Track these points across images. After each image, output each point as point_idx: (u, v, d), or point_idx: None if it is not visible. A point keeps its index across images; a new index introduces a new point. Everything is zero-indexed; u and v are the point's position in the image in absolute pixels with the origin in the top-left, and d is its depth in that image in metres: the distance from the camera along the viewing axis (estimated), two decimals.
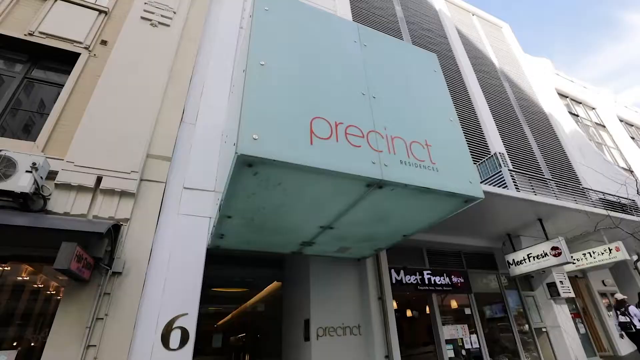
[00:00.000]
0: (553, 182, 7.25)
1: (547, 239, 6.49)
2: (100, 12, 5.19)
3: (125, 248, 3.68)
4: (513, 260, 7.02)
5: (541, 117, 10.56)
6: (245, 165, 2.28)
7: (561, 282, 7.14)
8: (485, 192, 4.85)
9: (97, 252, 3.44)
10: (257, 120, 2.32)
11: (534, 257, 6.63)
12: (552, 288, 7.10)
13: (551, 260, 6.31)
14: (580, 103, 13.88)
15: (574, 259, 8.05)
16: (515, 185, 6.06)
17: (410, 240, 4.53)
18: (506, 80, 10.75)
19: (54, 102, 4.49)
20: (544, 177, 7.07)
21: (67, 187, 3.73)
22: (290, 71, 2.72)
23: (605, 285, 9.32)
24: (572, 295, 7.18)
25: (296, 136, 2.41)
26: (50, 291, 3.90)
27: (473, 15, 12.57)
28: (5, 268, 3.70)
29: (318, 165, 2.37)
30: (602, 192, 8.18)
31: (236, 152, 2.17)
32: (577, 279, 9.18)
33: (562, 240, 6.23)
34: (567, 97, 13.42)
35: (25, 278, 3.84)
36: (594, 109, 14.17)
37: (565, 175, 8.98)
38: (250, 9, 3.18)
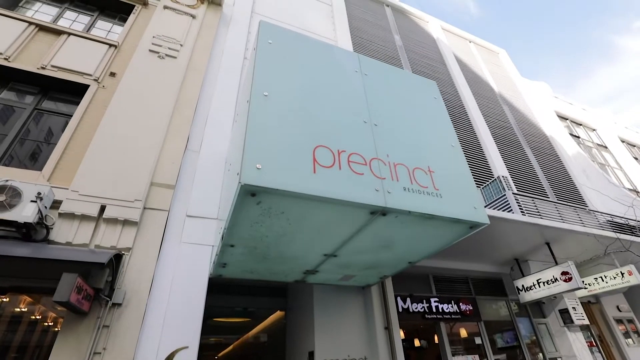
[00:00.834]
0: (559, 205, 7.17)
1: (557, 264, 6.33)
2: (111, 45, 5.41)
3: (126, 278, 3.63)
4: (522, 286, 6.82)
5: (543, 139, 10.62)
6: (249, 194, 2.29)
7: (574, 308, 6.89)
8: (490, 217, 4.80)
9: (98, 283, 3.38)
10: (261, 149, 2.34)
11: (544, 283, 6.44)
12: (565, 315, 6.85)
13: (562, 286, 6.13)
14: (581, 125, 13.98)
15: (586, 284, 7.81)
16: (520, 208, 6.00)
17: (416, 267, 4.43)
18: (505, 104, 10.91)
19: (62, 131, 4.59)
20: (549, 200, 7.00)
21: (70, 216, 3.74)
22: (293, 101, 2.78)
23: (620, 311, 8.97)
24: (587, 322, 6.91)
25: (299, 165, 2.42)
26: (48, 322, 3.81)
27: (470, 42, 12.96)
28: (4, 299, 3.64)
29: (321, 194, 2.37)
30: (610, 214, 8.06)
31: (239, 182, 2.18)
32: (591, 304, 8.87)
33: (571, 264, 6.08)
34: (567, 119, 13.55)
35: (23, 309, 3.77)
36: (594, 130, 14.25)
37: (570, 198, 8.90)
38: (255, 42, 3.30)
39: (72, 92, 4.94)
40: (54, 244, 3.58)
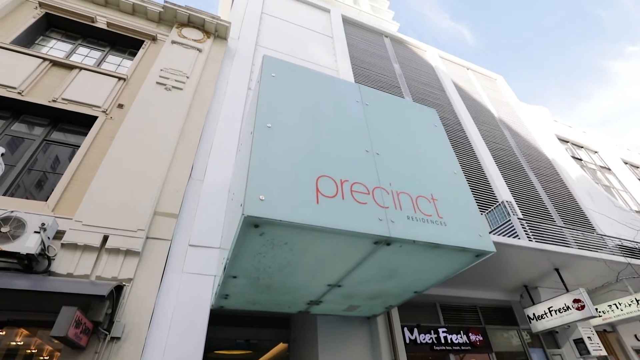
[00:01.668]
0: (566, 229, 7.06)
1: (567, 291, 6.14)
2: (120, 79, 5.61)
3: (126, 310, 3.55)
4: (533, 314, 6.58)
5: (545, 163, 10.63)
6: (252, 226, 2.28)
7: (589, 337, 6.60)
8: (496, 243, 4.72)
9: (97, 316, 3.32)
10: (264, 181, 2.36)
11: (556, 311, 6.22)
12: (580, 345, 6.55)
13: (575, 314, 5.91)
14: (582, 147, 14.03)
15: (600, 312, 7.53)
16: (526, 234, 5.91)
17: (422, 295, 4.31)
18: (506, 128, 11.03)
19: (69, 161, 4.68)
20: (555, 225, 6.90)
21: (73, 246, 3.73)
22: (295, 132, 2.84)
23: (639, 340, 8.58)
24: (604, 352, 6.59)
25: (302, 195, 2.43)
26: (44, 356, 3.71)
27: (468, 69, 13.31)
28: (0, 333, 3.56)
29: (324, 225, 2.36)
30: (619, 238, 7.90)
31: (243, 214, 2.18)
32: (607, 333, 8.50)
33: (583, 292, 5.89)
34: (568, 142, 13.62)
35: (19, 342, 3.68)
36: (596, 152, 14.28)
37: (577, 222, 8.77)
38: (258, 75, 3.41)
39: (81, 123, 5.07)
40: (55, 275, 3.54)
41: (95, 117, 5.03)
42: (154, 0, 7.09)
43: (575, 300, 5.94)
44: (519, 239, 5.84)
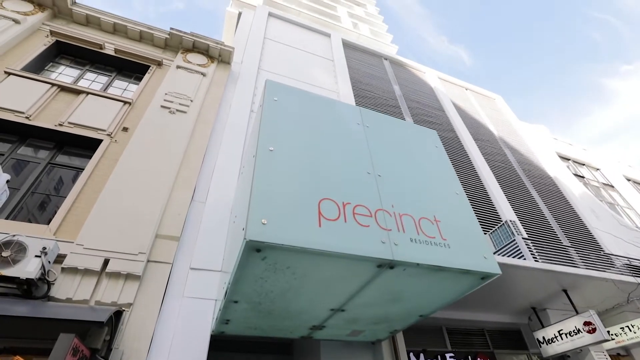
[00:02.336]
0: (572, 249, 6.95)
1: (577, 313, 5.98)
2: (125, 103, 5.73)
3: (125, 336, 3.47)
4: (543, 338, 6.38)
5: (547, 181, 10.61)
6: (254, 250, 2.26)
7: None
8: (501, 264, 4.64)
9: (95, 343, 3.24)
10: (266, 204, 2.36)
11: (566, 334, 6.02)
12: None
13: (586, 338, 5.72)
14: (584, 164, 14.02)
15: (612, 335, 7.28)
16: (532, 254, 5.81)
17: (428, 318, 4.20)
18: (506, 147, 11.08)
19: (73, 183, 4.71)
20: (562, 244, 6.81)
21: (73, 271, 3.69)
22: (297, 155, 2.86)
23: None
24: None
25: (305, 219, 2.42)
26: None
27: (467, 90, 13.54)
28: None
29: (327, 248, 2.34)
30: (628, 258, 7.76)
31: (245, 238, 2.17)
32: (621, 357, 8.19)
33: (594, 314, 5.73)
34: (569, 159, 13.63)
35: None
36: (598, 169, 14.24)
37: (583, 241, 8.65)
38: (261, 99, 3.48)
39: (86, 146, 5.14)
40: (54, 300, 3.49)
41: (100, 141, 5.10)
42: (160, 27, 7.35)
43: (586, 323, 5.76)
44: (525, 259, 5.74)
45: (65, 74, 6.28)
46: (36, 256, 3.45)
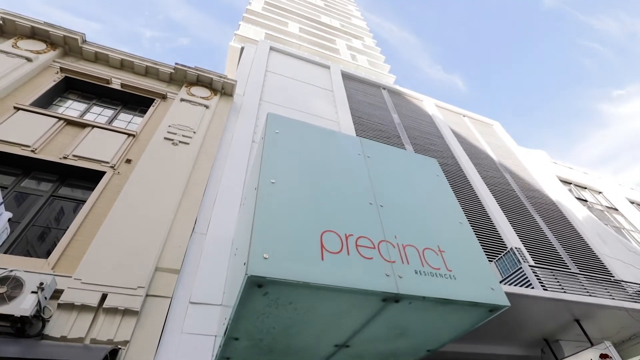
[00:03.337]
0: (582, 276, 6.77)
1: (592, 345, 5.72)
2: (129, 135, 5.84)
3: None
4: None
5: (550, 205, 10.54)
6: (255, 285, 2.21)
7: None
8: (508, 294, 4.50)
9: None
10: (268, 238, 2.34)
11: None
12: None
13: None
14: (585, 188, 13.98)
15: None
16: (540, 282, 5.66)
17: (436, 353, 4.01)
18: (507, 172, 11.12)
19: (74, 215, 4.70)
20: (570, 272, 6.64)
21: (69, 307, 3.60)
22: (299, 187, 2.87)
23: None
24: None
25: (307, 252, 2.39)
26: None
27: (464, 116, 13.80)
28: None
29: (330, 283, 2.29)
30: None
31: (246, 274, 2.13)
32: None
33: (610, 346, 5.48)
34: (571, 183, 13.61)
35: None
36: (600, 192, 14.18)
37: (592, 267, 8.45)
38: (262, 132, 3.54)
39: (89, 178, 5.18)
40: (48, 339, 3.37)
41: (103, 173, 5.14)
42: (166, 62, 7.64)
43: (603, 356, 5.50)
44: (533, 288, 5.59)
45: (72, 107, 6.45)
46: (32, 292, 3.38)
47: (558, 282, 6.04)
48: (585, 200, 12.80)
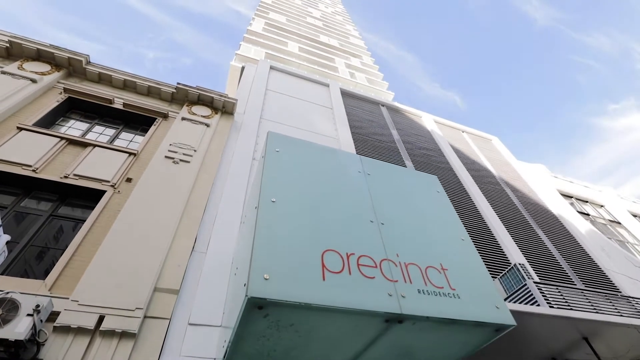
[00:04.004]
0: (588, 292, 6.65)
1: None
2: (130, 154, 5.87)
3: None
4: None
5: (552, 220, 10.47)
6: (256, 307, 2.17)
7: None
8: (514, 312, 4.42)
9: None
10: (269, 258, 2.31)
11: None
12: None
13: None
14: (587, 201, 13.92)
15: None
16: (546, 299, 5.55)
17: None
18: (508, 187, 11.10)
19: (74, 234, 4.66)
20: (576, 287, 6.52)
21: (65, 329, 3.51)
22: (299, 206, 2.86)
23: None
24: None
25: (308, 273, 2.35)
26: None
27: (463, 132, 13.91)
28: None
29: (332, 304, 2.24)
30: None
31: (246, 295, 2.09)
32: None
33: None
34: (572, 197, 13.56)
35: None
36: (602, 206, 14.11)
37: (598, 283, 8.31)
38: (263, 150, 3.56)
39: (89, 197, 5.17)
40: None
41: (104, 192, 5.14)
42: (168, 81, 7.77)
43: None
44: (539, 305, 5.47)
45: (74, 127, 6.51)
46: (28, 315, 3.31)
47: (564, 298, 5.93)
48: (588, 214, 12.73)
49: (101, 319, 3.65)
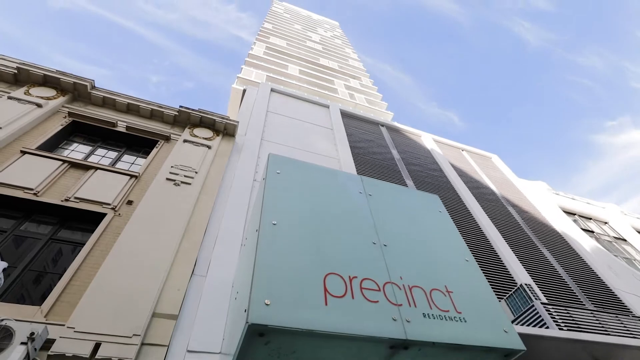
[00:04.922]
0: (597, 313, 6.46)
1: None
2: (132, 176, 5.89)
3: None
4: None
5: (556, 238, 10.34)
6: (257, 334, 2.10)
7: None
8: (523, 335, 4.29)
9: None
10: (270, 283, 2.26)
11: None
12: None
13: None
14: (590, 218, 13.78)
15: None
16: (555, 321, 5.40)
17: None
18: (510, 205, 11.04)
19: (73, 257, 4.60)
20: (585, 308, 6.35)
21: (60, 358, 3.40)
22: (301, 228, 2.83)
23: None
24: None
25: (310, 297, 2.30)
26: None
27: (462, 150, 13.99)
28: None
29: (335, 330, 2.17)
30: None
31: (247, 322, 2.03)
32: None
33: None
34: (575, 214, 13.44)
35: None
36: (606, 223, 13.96)
37: (607, 303, 8.10)
38: (264, 172, 3.57)
39: (89, 220, 5.15)
40: None
41: (104, 215, 5.12)
42: (170, 104, 7.91)
43: None
44: (547, 327, 5.31)
45: (77, 150, 6.57)
46: (22, 343, 3.22)
47: (574, 320, 5.76)
48: (592, 231, 12.58)
49: (97, 346, 3.54)
